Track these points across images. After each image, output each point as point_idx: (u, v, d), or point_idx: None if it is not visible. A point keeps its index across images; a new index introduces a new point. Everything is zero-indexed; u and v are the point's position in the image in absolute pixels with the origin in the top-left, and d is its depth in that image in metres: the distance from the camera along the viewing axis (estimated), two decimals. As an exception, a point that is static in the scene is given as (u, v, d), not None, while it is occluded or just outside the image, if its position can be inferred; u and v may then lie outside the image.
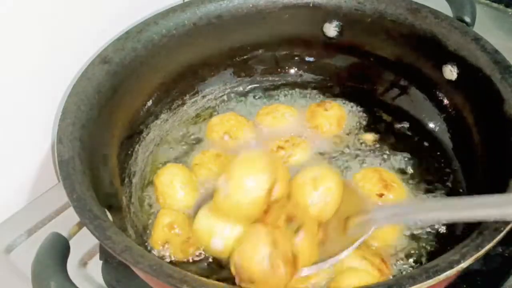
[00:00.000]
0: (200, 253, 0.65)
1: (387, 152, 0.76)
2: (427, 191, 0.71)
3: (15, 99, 0.71)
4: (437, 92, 0.77)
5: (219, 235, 0.61)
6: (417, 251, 0.65)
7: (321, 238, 0.62)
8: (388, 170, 0.72)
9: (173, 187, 0.70)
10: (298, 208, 0.61)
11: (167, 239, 0.65)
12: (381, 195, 0.67)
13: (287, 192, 0.63)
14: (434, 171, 0.73)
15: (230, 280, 0.61)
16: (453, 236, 0.65)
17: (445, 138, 0.77)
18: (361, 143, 0.77)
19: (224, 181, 0.60)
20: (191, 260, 0.65)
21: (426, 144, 0.77)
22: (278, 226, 0.58)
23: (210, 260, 0.65)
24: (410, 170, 0.73)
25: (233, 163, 0.61)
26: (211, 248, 0.63)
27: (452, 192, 0.71)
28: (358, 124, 0.80)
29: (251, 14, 0.81)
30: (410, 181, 0.72)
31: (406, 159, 0.74)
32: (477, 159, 0.70)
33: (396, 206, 0.64)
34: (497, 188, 0.58)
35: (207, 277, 0.55)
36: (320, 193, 0.62)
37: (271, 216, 0.59)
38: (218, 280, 0.61)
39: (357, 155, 0.75)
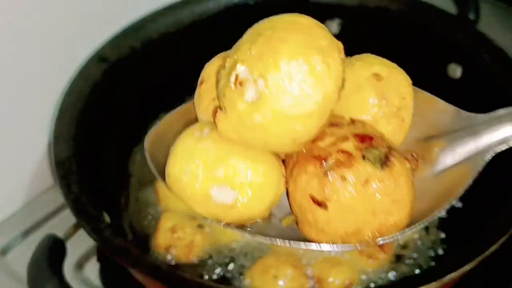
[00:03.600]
0: (203, 256, 0.64)
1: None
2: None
3: (11, 98, 0.70)
4: (441, 91, 0.76)
5: (226, 179, 0.35)
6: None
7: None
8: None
9: None
10: (367, 127, 0.37)
11: (170, 242, 0.65)
12: None
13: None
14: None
15: (231, 282, 0.61)
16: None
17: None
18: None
19: (246, 72, 0.33)
20: (194, 263, 0.64)
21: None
22: (345, 162, 0.32)
23: (212, 262, 0.64)
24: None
25: (270, 36, 0.32)
26: (209, 205, 0.36)
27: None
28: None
29: (251, 12, 0.80)
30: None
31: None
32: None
33: None
34: (498, 188, 0.58)
35: (208, 279, 0.54)
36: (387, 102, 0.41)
37: (325, 142, 0.33)
38: (218, 282, 0.61)
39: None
